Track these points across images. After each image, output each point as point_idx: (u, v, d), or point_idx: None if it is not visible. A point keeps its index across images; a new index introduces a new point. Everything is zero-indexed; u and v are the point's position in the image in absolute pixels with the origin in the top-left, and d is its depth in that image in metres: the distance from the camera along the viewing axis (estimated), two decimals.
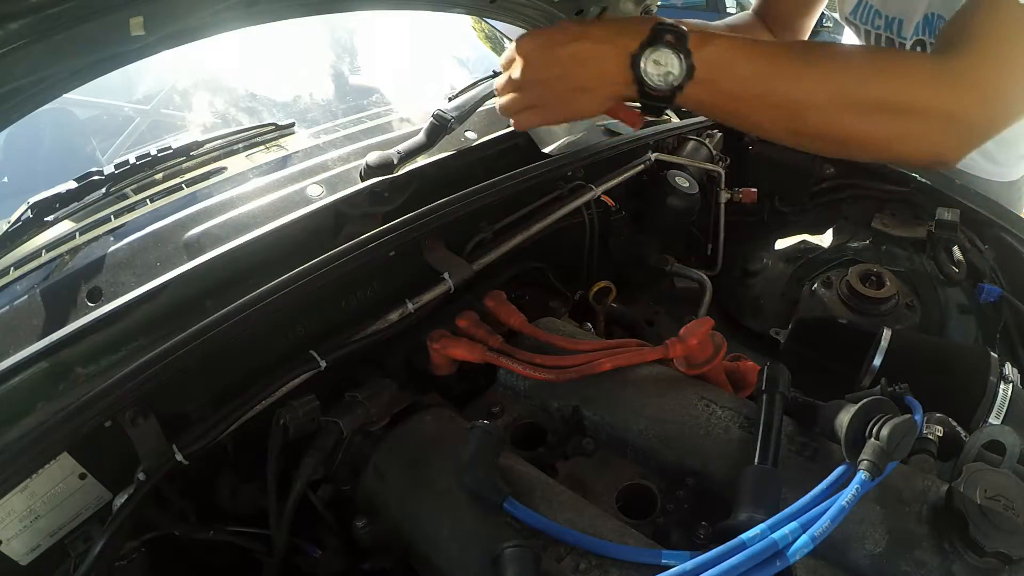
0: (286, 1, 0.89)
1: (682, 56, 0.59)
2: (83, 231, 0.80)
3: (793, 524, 0.44)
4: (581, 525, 0.52)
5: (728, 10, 5.93)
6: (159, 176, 0.89)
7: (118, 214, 0.83)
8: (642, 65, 0.59)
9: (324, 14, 1.02)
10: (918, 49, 1.23)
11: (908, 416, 0.49)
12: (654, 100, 0.60)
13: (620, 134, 1.15)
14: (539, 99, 0.64)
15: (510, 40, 1.64)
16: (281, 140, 1.00)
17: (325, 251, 0.69)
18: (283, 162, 0.94)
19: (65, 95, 0.71)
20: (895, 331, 0.74)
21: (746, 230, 1.29)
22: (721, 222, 1.20)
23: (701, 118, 1.33)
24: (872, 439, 0.48)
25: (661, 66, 0.59)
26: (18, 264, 0.76)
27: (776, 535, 0.43)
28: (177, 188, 0.87)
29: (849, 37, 1.52)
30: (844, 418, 0.51)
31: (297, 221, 0.76)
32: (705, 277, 1.08)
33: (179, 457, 0.57)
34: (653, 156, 1.12)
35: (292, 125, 1.03)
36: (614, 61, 0.61)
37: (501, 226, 0.90)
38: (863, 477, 0.46)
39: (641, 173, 1.10)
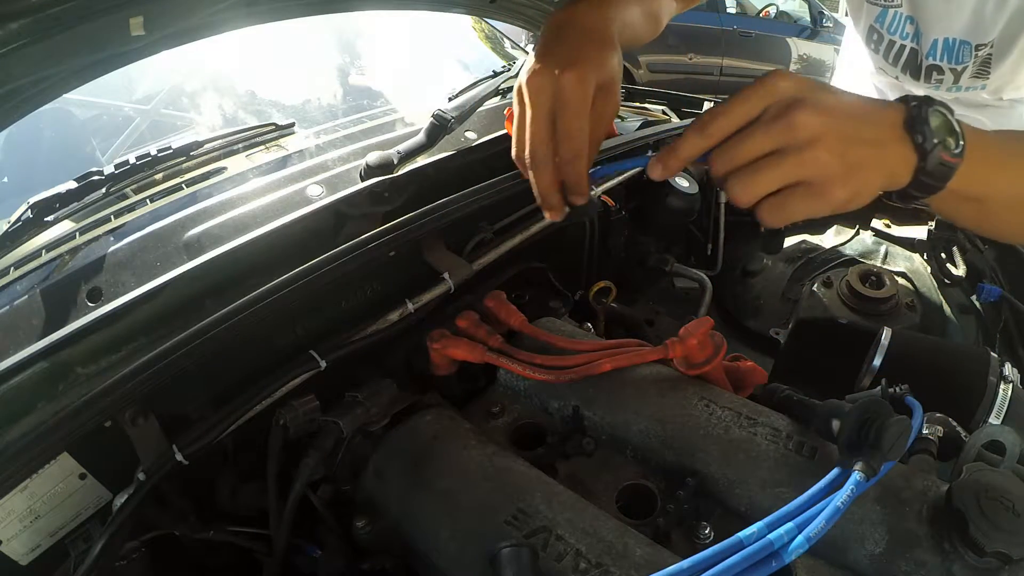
0: (286, 1, 0.89)
1: (956, 123, 0.49)
2: (83, 231, 0.80)
3: (789, 524, 0.44)
4: (581, 525, 0.52)
5: (728, 10, 5.93)
6: (159, 176, 0.89)
7: (118, 214, 0.83)
8: (929, 121, 0.48)
9: (324, 14, 1.02)
10: (933, 74, 1.23)
11: (903, 417, 0.49)
12: (932, 177, 0.49)
13: (621, 134, 1.15)
14: (825, 166, 0.47)
15: (510, 40, 1.64)
16: (281, 140, 1.00)
17: (325, 251, 0.69)
18: (283, 162, 0.94)
19: (65, 95, 0.71)
20: (895, 331, 0.74)
21: (746, 230, 1.29)
22: (721, 222, 1.20)
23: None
24: (867, 440, 0.48)
25: (942, 131, 0.48)
26: (18, 264, 0.76)
27: (772, 535, 0.43)
28: (177, 188, 0.87)
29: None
30: (840, 418, 0.51)
31: (297, 221, 0.76)
32: (705, 277, 1.08)
33: (179, 457, 0.57)
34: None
35: (292, 125, 1.03)
36: (890, 116, 0.49)
37: (501, 226, 0.90)
38: (858, 478, 0.46)
39: (641, 173, 1.10)
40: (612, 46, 0.59)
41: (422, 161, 0.91)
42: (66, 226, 0.82)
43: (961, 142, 0.50)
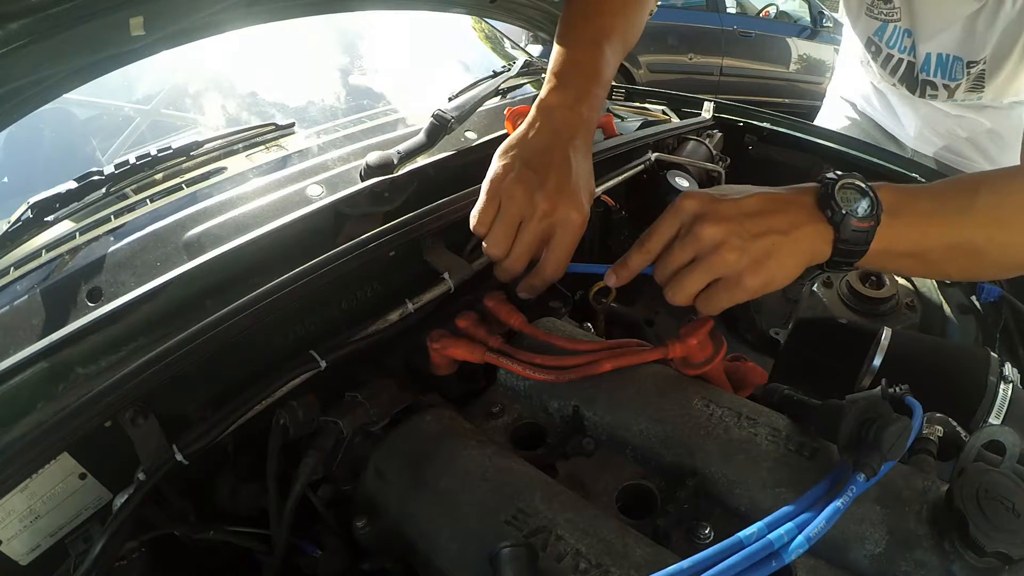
0: (286, 1, 0.89)
1: (868, 189, 0.57)
2: (83, 231, 0.80)
3: (789, 525, 0.44)
4: (581, 525, 0.52)
5: (728, 10, 5.93)
6: (159, 176, 0.89)
7: (118, 214, 0.83)
8: (836, 195, 0.56)
9: (324, 14, 1.02)
10: (927, 89, 1.25)
11: (903, 417, 0.49)
12: (851, 244, 0.56)
13: (620, 134, 1.15)
14: (733, 263, 0.56)
15: (510, 40, 1.64)
16: (281, 140, 1.00)
17: (325, 251, 0.69)
18: (283, 162, 0.94)
19: (65, 95, 0.71)
20: (895, 331, 0.74)
21: None
22: None
23: (701, 118, 1.33)
24: (867, 440, 0.48)
25: (850, 202, 0.56)
26: (18, 264, 0.76)
27: (772, 535, 0.44)
28: (177, 188, 0.87)
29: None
30: (840, 419, 0.51)
31: (297, 221, 0.76)
32: None
33: (179, 457, 0.57)
34: (653, 156, 1.12)
35: (292, 125, 1.03)
36: (803, 200, 0.58)
37: None
38: (858, 478, 0.46)
39: (641, 173, 1.10)
40: (591, 170, 0.71)
41: (422, 161, 0.91)
42: (66, 226, 0.82)
43: (872, 207, 0.56)
